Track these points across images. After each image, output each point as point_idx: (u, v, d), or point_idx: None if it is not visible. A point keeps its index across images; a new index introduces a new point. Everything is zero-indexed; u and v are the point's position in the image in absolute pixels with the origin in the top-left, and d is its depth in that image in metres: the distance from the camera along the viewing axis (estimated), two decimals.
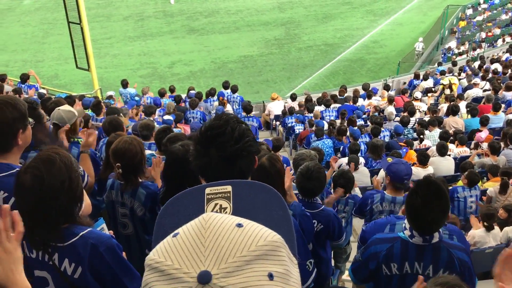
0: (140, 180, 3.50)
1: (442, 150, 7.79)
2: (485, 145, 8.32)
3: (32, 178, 1.94)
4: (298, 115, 11.81)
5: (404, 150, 8.59)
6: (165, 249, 0.83)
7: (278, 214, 1.03)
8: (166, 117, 9.81)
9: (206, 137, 1.67)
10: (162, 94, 13.34)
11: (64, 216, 2.02)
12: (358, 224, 6.15)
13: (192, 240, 0.82)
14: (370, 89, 14.82)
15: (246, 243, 0.81)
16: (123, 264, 2.12)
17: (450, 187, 6.82)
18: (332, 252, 4.25)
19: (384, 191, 4.35)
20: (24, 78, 12.76)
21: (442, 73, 16.13)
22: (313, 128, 10.17)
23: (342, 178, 4.93)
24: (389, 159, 4.29)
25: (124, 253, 2.29)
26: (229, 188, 1.08)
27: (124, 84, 13.77)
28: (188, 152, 3.03)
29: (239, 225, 0.84)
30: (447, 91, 13.55)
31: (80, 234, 2.02)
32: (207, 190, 1.09)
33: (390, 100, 12.88)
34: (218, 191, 1.08)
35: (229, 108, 12.66)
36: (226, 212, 1.04)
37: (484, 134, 8.74)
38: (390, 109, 11.91)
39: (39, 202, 1.92)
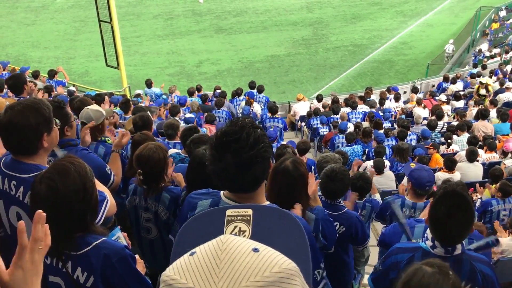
0: (163, 185, 3.51)
1: (471, 157, 7.64)
2: None
3: (47, 189, 1.98)
4: (322, 116, 11.75)
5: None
6: (181, 267, 0.85)
7: (296, 242, 1.03)
8: (188, 115, 9.88)
9: (221, 143, 1.68)
10: (191, 93, 13.45)
11: (78, 225, 2.05)
12: (379, 227, 6.11)
13: (208, 260, 0.83)
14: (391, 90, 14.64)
15: (261, 269, 0.81)
16: (136, 275, 2.13)
17: (477, 197, 6.67)
18: None
19: (405, 197, 4.32)
20: (52, 73, 13.03)
21: (473, 76, 15.79)
22: (337, 130, 10.11)
23: (361, 179, 4.91)
24: (412, 165, 4.26)
25: (142, 261, 2.31)
26: (249, 211, 1.10)
27: (148, 84, 13.93)
28: None
29: (255, 250, 0.84)
30: (483, 91, 13.20)
31: (94, 244, 2.04)
32: (228, 212, 1.11)
33: (419, 103, 12.70)
34: (239, 213, 1.10)
35: (257, 107, 12.68)
36: (244, 236, 1.05)
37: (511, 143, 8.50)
38: (419, 112, 11.75)
39: (53, 211, 1.93)
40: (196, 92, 13.92)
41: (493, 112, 11.23)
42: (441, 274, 1.87)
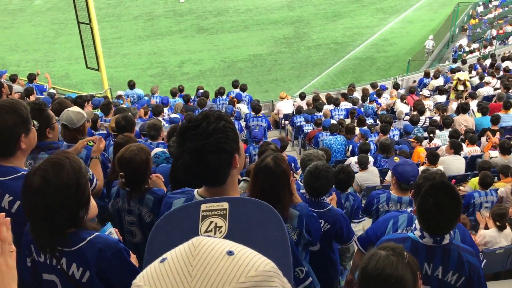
0: (146, 187, 3.44)
1: (458, 149, 7.74)
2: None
3: (40, 180, 1.95)
4: (305, 114, 11.79)
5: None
6: (151, 276, 0.79)
7: (275, 235, 0.99)
8: (173, 115, 9.84)
9: (183, 129, 1.72)
10: (174, 93, 13.37)
11: (69, 220, 2.03)
12: (367, 224, 6.11)
13: (179, 268, 0.78)
14: (378, 87, 14.76)
15: (236, 274, 0.76)
16: (131, 268, 2.13)
17: (462, 191, 6.74)
18: None
19: (390, 191, 4.33)
20: (31, 78, 12.85)
21: (453, 71, 15.98)
22: (321, 128, 10.16)
23: (342, 172, 4.91)
24: (396, 159, 4.27)
25: (134, 256, 2.30)
26: (225, 205, 1.05)
27: (131, 85, 13.77)
28: None
29: (230, 253, 0.79)
30: (460, 87, 13.34)
31: (87, 239, 2.03)
32: (203, 207, 1.05)
33: (402, 99, 12.81)
34: (214, 207, 1.05)
35: (243, 108, 12.63)
36: (221, 232, 1.01)
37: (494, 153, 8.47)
38: (401, 108, 11.85)
39: (45, 204, 1.93)
40: (178, 92, 13.83)
41: (474, 106, 11.37)
42: (395, 255, 1.91)
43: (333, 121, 10.56)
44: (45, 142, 3.36)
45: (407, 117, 10.90)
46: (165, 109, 10.93)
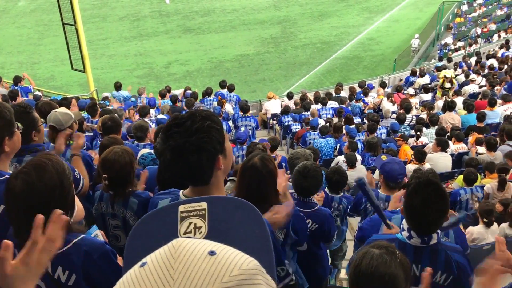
0: (130, 189, 3.37)
1: (445, 146, 7.80)
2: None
3: (23, 184, 1.92)
4: (293, 114, 11.80)
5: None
6: (132, 281, 0.77)
7: (256, 233, 0.97)
8: (160, 116, 9.80)
9: (167, 126, 1.73)
10: (163, 95, 13.30)
11: None
12: (355, 222, 6.13)
13: (160, 271, 0.76)
14: (365, 86, 14.84)
15: (219, 274, 0.75)
16: (118, 270, 2.07)
17: (450, 188, 6.79)
18: (328, 251, 4.23)
19: (378, 190, 4.33)
20: (17, 80, 12.70)
21: (439, 69, 16.10)
22: (309, 127, 10.17)
23: (336, 174, 4.91)
24: (384, 157, 4.28)
25: (120, 258, 2.27)
26: (204, 205, 1.03)
27: (118, 86, 13.67)
28: None
29: (212, 253, 0.78)
30: (448, 85, 13.43)
31: (73, 241, 1.99)
32: (181, 208, 1.03)
33: (388, 97, 12.88)
34: (193, 208, 1.02)
35: (228, 107, 12.62)
36: (201, 232, 0.98)
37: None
38: (387, 106, 11.91)
39: (29, 208, 1.88)
40: (167, 93, 13.76)
41: (460, 104, 11.47)
42: (388, 254, 1.92)
43: (321, 121, 10.59)
44: (31, 144, 3.31)
45: (394, 116, 10.96)
46: (152, 110, 10.86)
